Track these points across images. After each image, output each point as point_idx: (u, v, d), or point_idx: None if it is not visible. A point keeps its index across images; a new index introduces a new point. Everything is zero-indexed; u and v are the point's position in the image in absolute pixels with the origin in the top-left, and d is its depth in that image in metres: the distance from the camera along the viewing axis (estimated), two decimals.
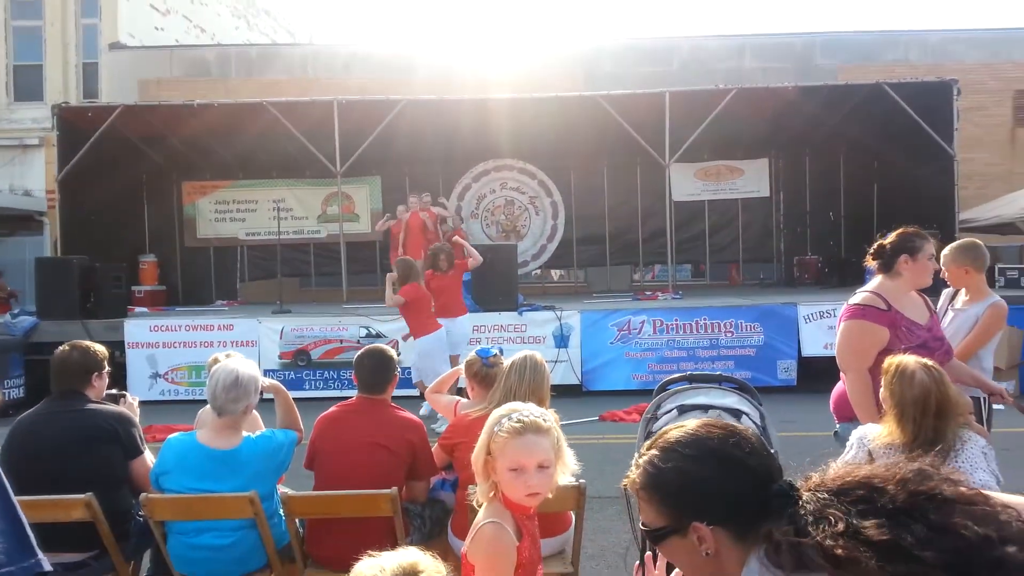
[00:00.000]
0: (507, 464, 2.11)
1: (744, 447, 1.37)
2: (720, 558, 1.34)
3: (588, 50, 15.98)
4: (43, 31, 16.56)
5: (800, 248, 15.38)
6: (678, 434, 1.43)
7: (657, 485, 1.39)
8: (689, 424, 1.45)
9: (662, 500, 1.38)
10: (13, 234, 16.67)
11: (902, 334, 3.41)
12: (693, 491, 1.35)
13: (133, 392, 9.59)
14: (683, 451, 1.38)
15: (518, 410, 2.21)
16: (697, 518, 1.33)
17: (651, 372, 9.84)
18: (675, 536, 1.37)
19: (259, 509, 3.16)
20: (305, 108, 12.26)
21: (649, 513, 1.41)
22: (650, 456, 1.42)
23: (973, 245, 4.32)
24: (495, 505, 2.17)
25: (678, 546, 1.38)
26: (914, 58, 15.52)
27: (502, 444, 2.12)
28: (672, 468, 1.37)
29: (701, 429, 1.42)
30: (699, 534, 1.33)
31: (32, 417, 3.51)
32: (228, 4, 21.04)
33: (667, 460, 1.38)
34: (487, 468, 2.16)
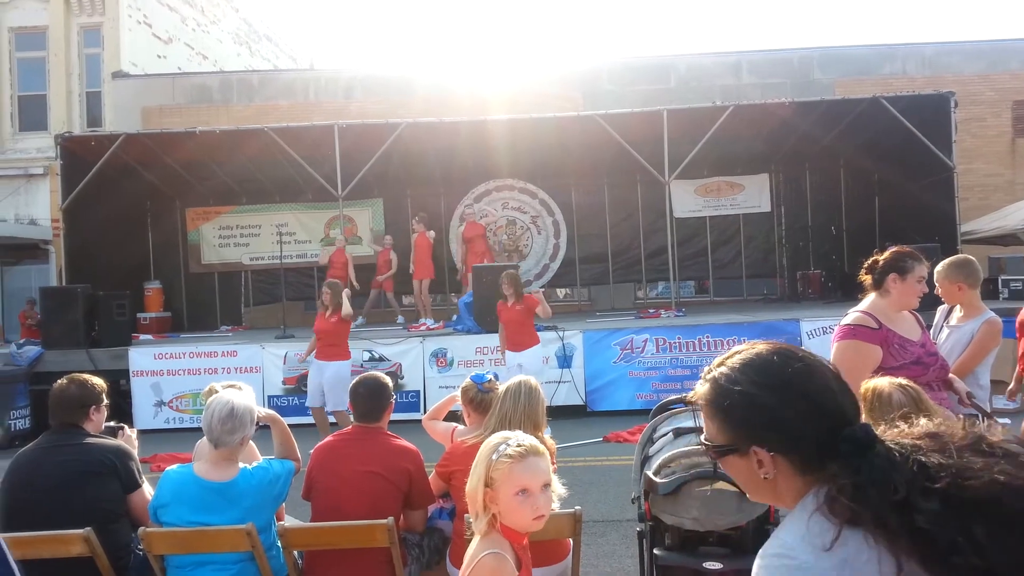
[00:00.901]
0: (513, 489, 2.11)
1: (821, 383, 1.32)
2: (778, 485, 1.32)
3: (586, 69, 16.08)
4: (46, 62, 16.76)
5: (803, 262, 15.38)
6: (753, 356, 1.38)
7: (722, 404, 1.36)
8: (766, 347, 1.39)
9: (725, 420, 1.36)
10: (19, 263, 16.79)
11: (895, 351, 3.42)
12: (758, 417, 1.31)
13: (138, 421, 9.69)
14: (755, 376, 1.33)
15: (510, 437, 2.22)
16: (759, 443, 1.31)
17: (655, 391, 9.82)
18: (735, 455, 1.35)
19: (256, 542, 3.16)
20: (306, 132, 12.36)
21: (711, 428, 1.39)
22: (720, 373, 1.38)
23: (966, 261, 4.32)
24: (493, 536, 2.16)
25: (738, 464, 1.36)
26: (911, 71, 15.57)
27: (506, 471, 2.12)
28: (740, 391, 1.33)
29: (778, 357, 1.36)
30: (759, 458, 1.31)
31: (31, 452, 3.52)
32: (230, 31, 21.27)
33: (737, 382, 1.34)
34: (486, 500, 2.15)
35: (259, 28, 23.07)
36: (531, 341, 8.48)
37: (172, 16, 18.50)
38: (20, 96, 16.92)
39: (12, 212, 16.40)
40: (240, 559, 3.22)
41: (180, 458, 7.32)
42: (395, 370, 10.14)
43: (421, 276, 12.63)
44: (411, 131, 12.22)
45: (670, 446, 3.40)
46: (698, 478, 2.95)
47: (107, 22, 16.64)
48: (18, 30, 16.81)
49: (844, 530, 1.20)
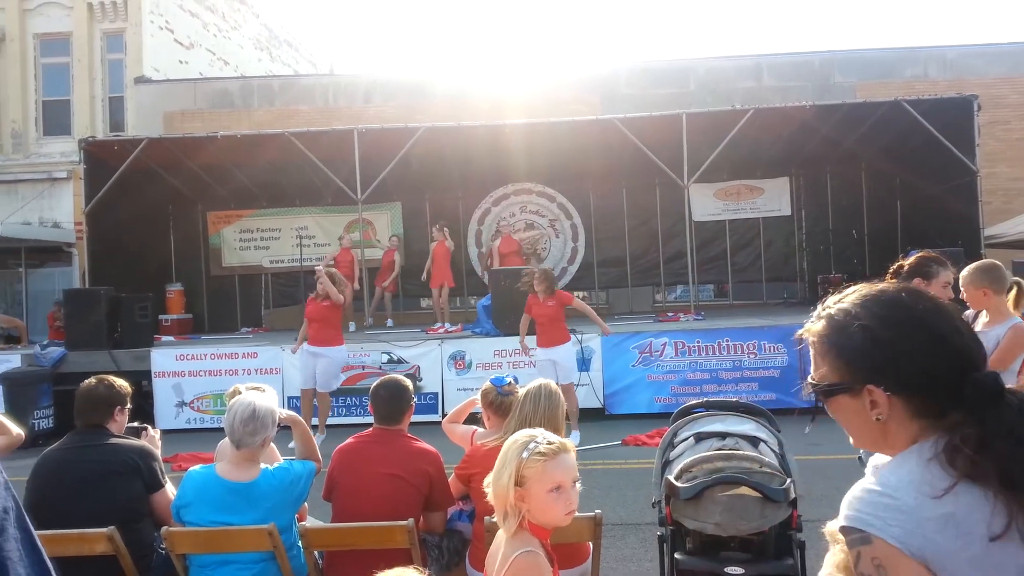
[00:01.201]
0: (547, 486, 2.13)
1: (950, 324, 1.25)
2: (889, 428, 1.25)
3: (605, 72, 16.07)
4: (71, 67, 16.98)
5: (824, 266, 15.26)
6: (877, 292, 1.31)
7: (840, 339, 1.29)
8: (891, 285, 1.34)
9: (840, 355, 1.28)
10: (42, 265, 17.01)
11: None
12: (879, 353, 1.24)
13: (159, 421, 9.78)
14: (878, 310, 1.27)
15: (537, 435, 2.23)
16: (875, 381, 1.24)
17: (673, 395, 9.77)
18: (846, 395, 1.28)
19: (278, 541, 3.18)
20: (326, 137, 12.44)
21: (822, 367, 1.32)
22: (838, 309, 1.32)
23: (992, 267, 4.26)
24: (523, 535, 2.17)
25: (847, 405, 1.29)
26: (933, 74, 15.43)
27: (539, 468, 2.13)
28: (861, 325, 1.26)
29: (907, 294, 1.30)
30: (873, 398, 1.24)
31: (56, 452, 3.57)
32: (251, 36, 21.46)
33: (858, 316, 1.27)
34: (516, 499, 2.15)
35: (280, 34, 23.26)
36: (563, 338, 8.48)
37: (194, 22, 18.70)
38: (44, 101, 17.16)
39: (36, 215, 16.62)
40: (261, 559, 3.24)
41: (202, 458, 7.38)
42: (413, 372, 10.16)
43: (439, 283, 12.65)
44: (429, 135, 12.26)
45: (691, 451, 3.39)
46: (720, 483, 2.94)
47: (130, 28, 16.85)
48: (43, 36, 17.05)
49: (960, 484, 1.14)
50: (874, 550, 1.17)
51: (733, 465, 3.03)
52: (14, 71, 16.87)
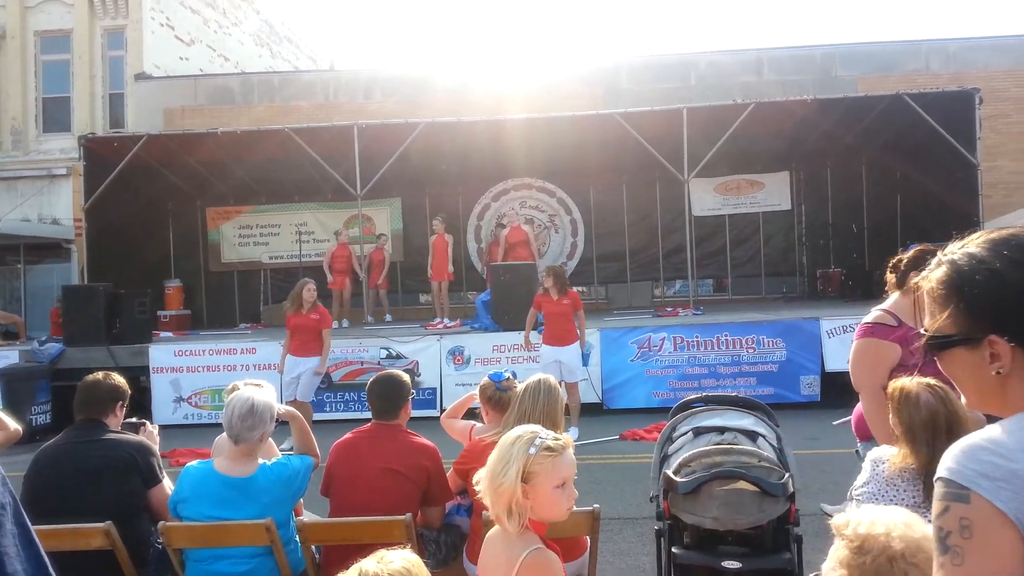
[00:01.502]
0: (553, 482, 2.14)
1: None
2: (1009, 385, 1.16)
3: (606, 67, 16.04)
4: (71, 64, 16.95)
5: (823, 261, 15.25)
6: (1007, 235, 1.22)
7: (963, 284, 1.19)
8: (1012, 228, 1.24)
9: (962, 303, 1.19)
10: (41, 261, 17.00)
11: (914, 349, 3.38)
12: (1007, 299, 1.15)
13: (157, 416, 9.77)
14: (1010, 253, 1.17)
15: (539, 431, 2.22)
16: (999, 331, 1.15)
17: (672, 390, 9.77)
18: (963, 347, 1.20)
19: (275, 536, 3.18)
20: (326, 133, 12.43)
21: (939, 317, 1.23)
22: (962, 254, 1.23)
23: None
24: (526, 533, 2.16)
25: (962, 359, 1.20)
26: (935, 67, 15.39)
27: (548, 465, 2.13)
28: (989, 270, 1.17)
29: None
30: (995, 349, 1.15)
31: (53, 447, 3.56)
32: (251, 33, 21.41)
33: (984, 261, 1.18)
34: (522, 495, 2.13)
35: (280, 30, 23.21)
36: (572, 337, 8.38)
37: (194, 18, 18.65)
38: (44, 98, 17.14)
39: (35, 212, 16.61)
40: (258, 553, 3.24)
41: (200, 453, 7.38)
42: (412, 368, 10.16)
43: (439, 277, 12.63)
44: (429, 130, 12.25)
45: (690, 445, 3.38)
46: (718, 477, 2.93)
47: (130, 25, 16.81)
48: (43, 33, 17.02)
49: None
50: (969, 510, 1.09)
51: (731, 460, 3.02)
52: (14, 68, 16.85)
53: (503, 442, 2.24)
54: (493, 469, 2.18)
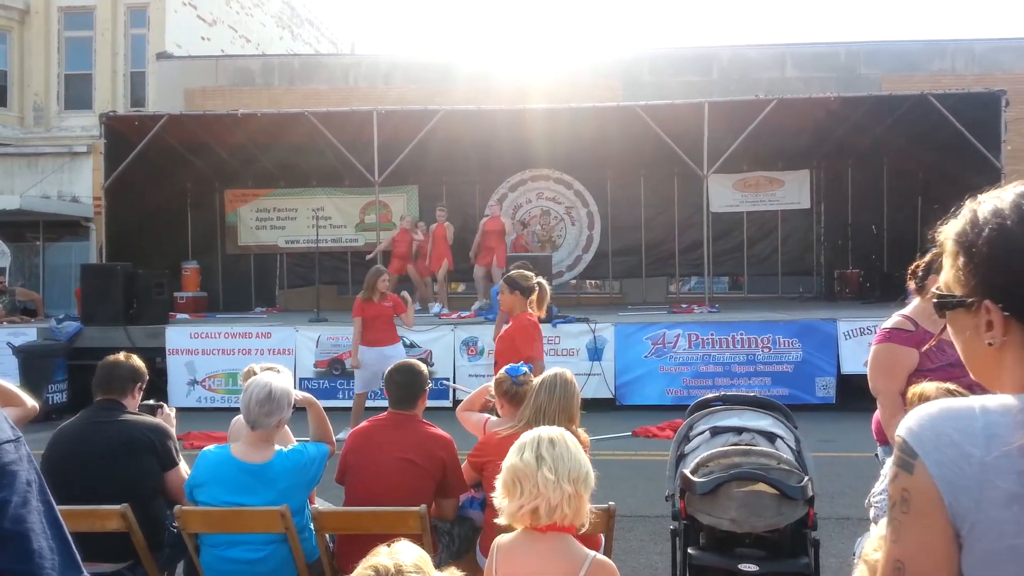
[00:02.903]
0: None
1: None
2: (1004, 360, 1.05)
3: (627, 59, 15.93)
4: (93, 41, 17.01)
5: (841, 261, 15.13)
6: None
7: (969, 240, 1.09)
8: None
9: (966, 260, 1.09)
10: (60, 239, 17.11)
11: (932, 353, 3.34)
12: (1009, 261, 1.04)
13: (172, 398, 9.83)
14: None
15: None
16: (996, 296, 1.04)
17: (686, 387, 9.73)
18: (963, 309, 1.09)
19: (290, 523, 3.19)
20: (345, 118, 12.41)
21: (948, 273, 1.14)
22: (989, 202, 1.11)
23: None
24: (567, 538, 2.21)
25: (962, 322, 1.11)
26: (960, 67, 15.20)
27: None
28: (999, 225, 1.05)
29: None
30: (989, 317, 1.05)
31: (72, 427, 3.58)
32: (273, 14, 21.42)
33: (1001, 214, 1.06)
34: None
35: (301, 12, 23.20)
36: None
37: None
38: (67, 75, 17.20)
39: (55, 189, 16.70)
40: (273, 540, 3.25)
41: (215, 437, 7.42)
42: (425, 357, 10.16)
43: (437, 266, 12.62)
44: (448, 118, 12.20)
45: (706, 445, 3.36)
46: (737, 479, 2.91)
47: (153, 3, 16.84)
48: (67, 9, 17.08)
49: None
50: (911, 481, 1.02)
51: (751, 461, 3.00)
52: (38, 44, 16.93)
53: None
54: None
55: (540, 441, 2.21)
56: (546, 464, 2.14)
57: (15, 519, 1.01)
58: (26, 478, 1.06)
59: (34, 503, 1.05)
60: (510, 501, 2.15)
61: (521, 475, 2.14)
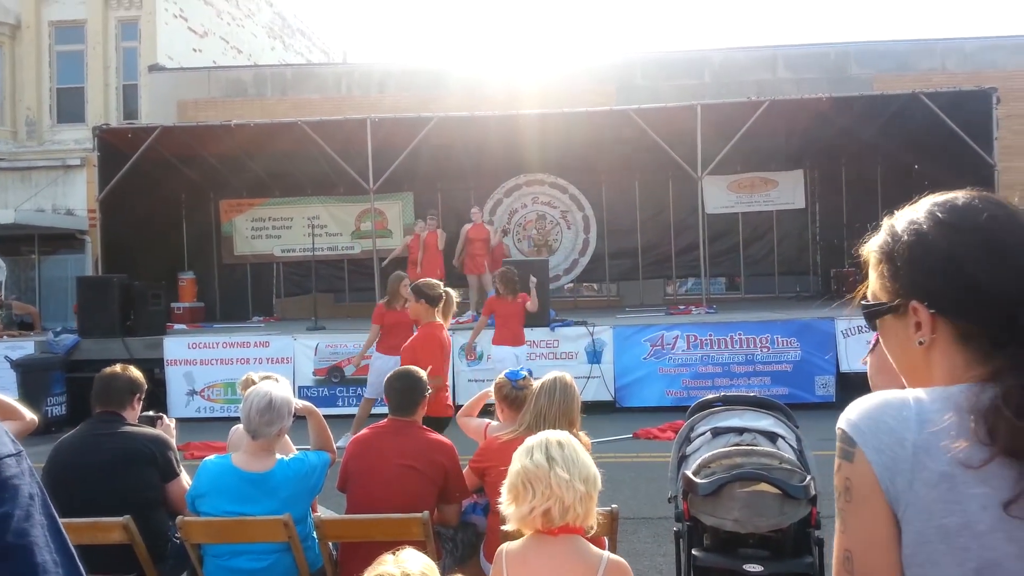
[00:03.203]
0: None
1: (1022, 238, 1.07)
2: (933, 359, 1.09)
3: (619, 63, 15.97)
4: (85, 55, 16.99)
5: (837, 260, 15.15)
6: (949, 197, 1.15)
7: (893, 248, 1.14)
8: (972, 191, 1.15)
9: (890, 267, 1.14)
10: (55, 252, 17.07)
11: None
12: (929, 262, 1.08)
13: (171, 409, 9.81)
14: (940, 215, 1.11)
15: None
16: (921, 296, 1.08)
17: (685, 388, 9.74)
18: (892, 315, 1.13)
19: (293, 532, 3.18)
20: (339, 126, 12.42)
21: (875, 283, 1.18)
22: (904, 215, 1.17)
23: None
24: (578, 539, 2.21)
25: (891, 328, 1.14)
26: (951, 66, 15.26)
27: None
28: (917, 231, 1.11)
29: (980, 200, 1.12)
30: (918, 318, 1.08)
31: (72, 439, 3.57)
32: (264, 25, 21.43)
33: (916, 222, 1.12)
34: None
35: (292, 22, 23.21)
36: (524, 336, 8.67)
37: (207, 10, 18.67)
38: (59, 89, 17.18)
39: (49, 202, 16.68)
40: (276, 549, 3.24)
41: (214, 447, 7.40)
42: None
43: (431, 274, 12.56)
44: (442, 125, 12.21)
45: (708, 446, 3.36)
46: (739, 479, 2.91)
47: (144, 16, 16.84)
48: (58, 24, 17.06)
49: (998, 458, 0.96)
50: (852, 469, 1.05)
51: (753, 461, 3.00)
52: (29, 58, 16.90)
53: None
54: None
55: (548, 443, 2.20)
56: (558, 464, 2.13)
57: (18, 533, 1.00)
58: (28, 492, 1.05)
59: (37, 517, 1.04)
60: (519, 505, 2.13)
61: (532, 477, 2.12)
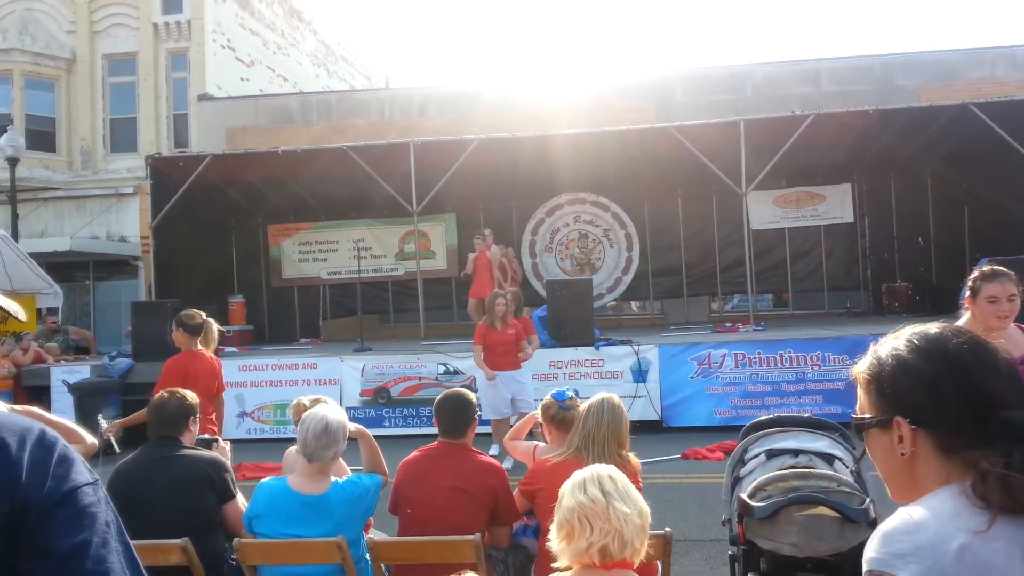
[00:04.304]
0: None
1: (988, 362, 1.25)
2: (916, 466, 1.25)
3: (659, 79, 15.95)
4: (136, 86, 17.54)
5: (888, 275, 14.86)
6: (920, 328, 1.34)
7: (878, 371, 1.32)
8: (939, 324, 1.36)
9: (876, 387, 1.31)
10: (109, 278, 17.57)
11: None
12: (907, 383, 1.26)
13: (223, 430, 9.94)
14: (916, 342, 1.30)
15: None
16: (902, 412, 1.25)
17: (734, 407, 9.59)
18: (877, 429, 1.30)
19: (347, 554, 3.20)
20: (382, 151, 12.60)
21: (862, 400, 1.35)
22: (886, 343, 1.35)
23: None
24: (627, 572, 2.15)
25: (878, 441, 1.31)
26: (1002, 75, 14.93)
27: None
28: (896, 356, 1.30)
29: (947, 330, 1.32)
30: (900, 432, 1.25)
31: (131, 464, 3.65)
32: (308, 53, 21.91)
33: (897, 347, 1.31)
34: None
35: (336, 49, 23.70)
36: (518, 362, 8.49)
37: (254, 40, 19.16)
38: (112, 119, 17.74)
39: (104, 230, 17.18)
40: (330, 571, 3.27)
41: (266, 468, 7.50)
42: (469, 383, 10.16)
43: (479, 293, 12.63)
44: (483, 146, 12.32)
45: (762, 468, 3.31)
46: (797, 502, 2.85)
47: (193, 47, 17.34)
48: (111, 56, 17.66)
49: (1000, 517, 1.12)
50: None
51: (810, 484, 2.94)
52: (84, 91, 17.51)
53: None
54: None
55: (601, 477, 2.16)
56: (614, 498, 2.10)
57: (96, 559, 1.04)
58: (104, 519, 1.09)
59: (113, 544, 1.08)
60: (574, 541, 2.08)
61: (589, 512, 2.08)
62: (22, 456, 1.03)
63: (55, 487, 1.03)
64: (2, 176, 15.36)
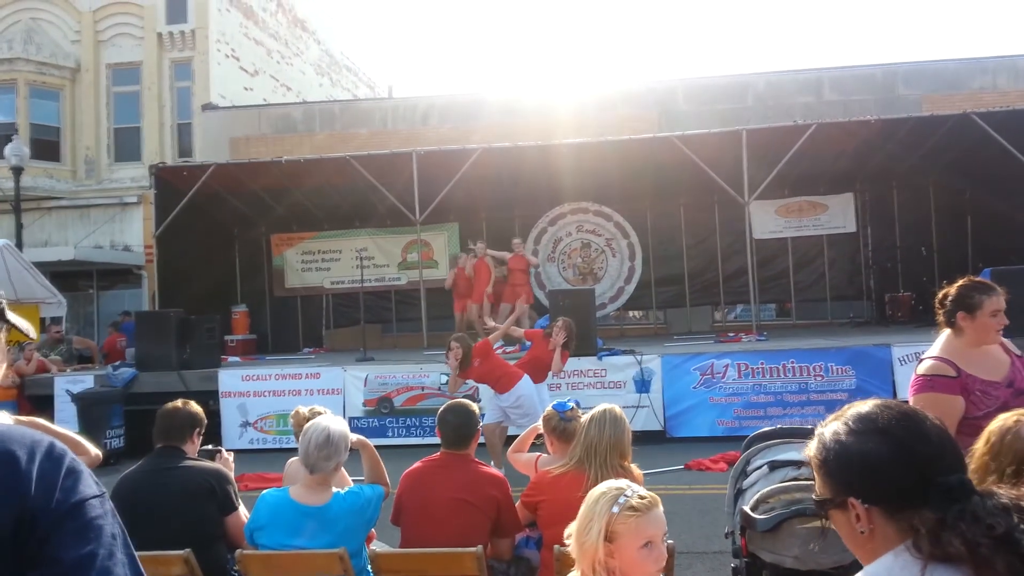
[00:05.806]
0: (639, 542, 2.06)
1: (917, 431, 1.32)
2: (876, 538, 1.32)
3: (661, 88, 15.99)
4: (140, 96, 17.62)
5: (891, 285, 14.84)
6: (854, 410, 1.41)
7: (824, 457, 1.39)
8: (870, 401, 1.43)
9: (827, 472, 1.39)
10: (112, 287, 17.60)
11: (976, 399, 3.12)
12: (851, 467, 1.34)
13: (225, 441, 9.95)
14: (852, 425, 1.37)
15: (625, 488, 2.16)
16: (853, 494, 1.32)
17: (737, 418, 9.57)
18: (836, 510, 1.37)
19: (348, 566, 3.20)
20: (385, 160, 12.63)
21: (819, 483, 1.42)
22: (828, 426, 1.43)
23: None
24: None
25: (840, 520, 1.38)
26: (1003, 84, 14.95)
27: (632, 525, 2.07)
28: (836, 439, 1.37)
29: (877, 407, 1.39)
30: (856, 511, 1.32)
31: (135, 475, 3.66)
32: (312, 62, 22.00)
33: (837, 431, 1.38)
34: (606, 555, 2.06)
35: (339, 59, 23.79)
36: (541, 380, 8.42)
37: (258, 49, 19.25)
38: (116, 128, 17.81)
39: (107, 239, 17.23)
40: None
41: (268, 478, 7.50)
42: (472, 393, 10.15)
43: (478, 300, 12.66)
44: (485, 155, 12.35)
45: (765, 480, 3.31)
46: (799, 515, 2.85)
47: (197, 56, 17.42)
48: (115, 66, 17.74)
49: (931, 566, 1.21)
50: None
51: (812, 496, 2.94)
52: (88, 100, 17.58)
53: (589, 498, 2.18)
54: (579, 526, 2.12)
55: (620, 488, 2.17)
56: None
57: (102, 571, 1.06)
58: (111, 531, 1.10)
59: (119, 555, 1.10)
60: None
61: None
62: (31, 468, 1.04)
63: (63, 499, 1.05)
64: (6, 185, 15.41)
